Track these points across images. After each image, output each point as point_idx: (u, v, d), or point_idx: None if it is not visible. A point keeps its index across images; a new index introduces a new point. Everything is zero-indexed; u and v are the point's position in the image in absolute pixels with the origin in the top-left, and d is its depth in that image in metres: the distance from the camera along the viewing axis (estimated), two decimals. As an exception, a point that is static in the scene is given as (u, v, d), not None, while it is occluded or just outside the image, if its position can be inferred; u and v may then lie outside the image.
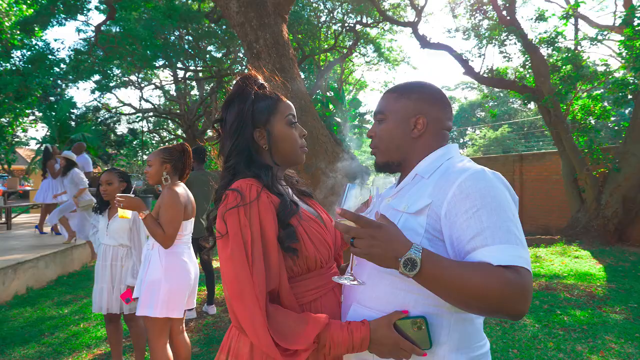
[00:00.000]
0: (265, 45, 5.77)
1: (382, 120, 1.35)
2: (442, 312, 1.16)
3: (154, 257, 2.67)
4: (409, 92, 1.33)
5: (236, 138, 1.37)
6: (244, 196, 1.23)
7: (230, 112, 1.40)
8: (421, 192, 1.22)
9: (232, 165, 1.35)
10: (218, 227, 1.24)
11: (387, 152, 1.34)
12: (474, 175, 1.13)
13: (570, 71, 9.34)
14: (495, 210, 1.08)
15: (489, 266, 1.03)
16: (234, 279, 1.17)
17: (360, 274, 1.26)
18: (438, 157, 1.28)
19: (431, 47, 12.05)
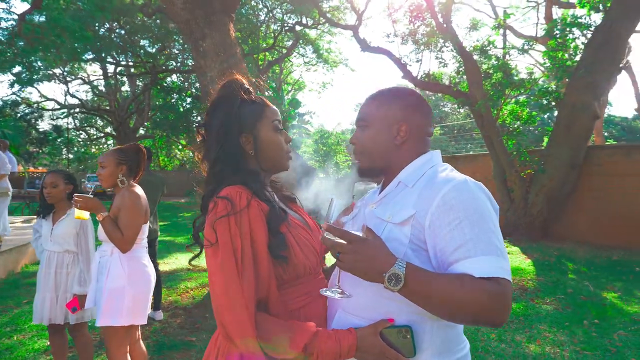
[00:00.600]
0: (212, 44, 5.65)
1: (365, 127, 1.35)
2: (425, 319, 1.18)
3: (115, 263, 2.55)
4: (391, 99, 1.34)
5: (223, 143, 1.33)
6: (234, 204, 1.21)
7: (216, 116, 1.36)
8: (405, 201, 1.23)
9: (219, 171, 1.32)
10: (207, 236, 1.21)
11: (370, 159, 1.35)
12: (457, 186, 1.16)
13: (501, 78, 9.94)
14: (478, 222, 1.12)
15: (471, 279, 1.07)
16: (223, 288, 1.15)
17: (345, 282, 1.26)
18: (421, 165, 1.30)
19: (371, 51, 12.33)
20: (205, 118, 1.41)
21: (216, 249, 1.18)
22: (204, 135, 1.41)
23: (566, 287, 5.80)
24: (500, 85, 9.96)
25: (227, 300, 1.14)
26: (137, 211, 2.57)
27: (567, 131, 8.90)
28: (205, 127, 1.40)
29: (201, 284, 6.05)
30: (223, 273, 1.16)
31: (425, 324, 1.18)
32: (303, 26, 19.37)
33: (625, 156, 8.82)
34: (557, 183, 9.15)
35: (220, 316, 1.16)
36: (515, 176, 9.66)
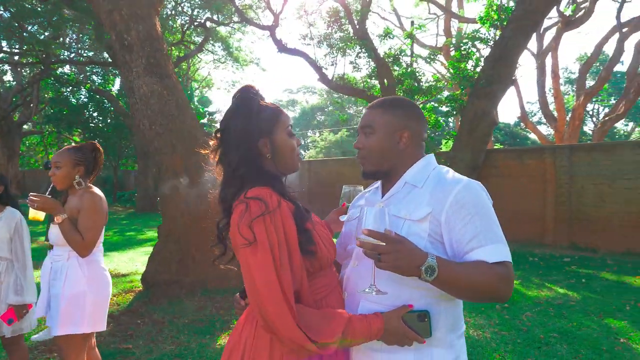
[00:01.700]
0: (138, 38, 5.40)
1: (370, 134, 1.47)
2: (440, 302, 1.36)
3: (73, 268, 2.38)
4: (394, 108, 1.49)
5: (245, 147, 1.38)
6: (267, 204, 1.27)
7: (235, 121, 1.40)
8: (419, 200, 1.38)
9: (242, 174, 1.37)
10: (245, 235, 1.25)
11: (376, 162, 1.47)
12: (466, 187, 1.34)
13: (411, 85, 10.62)
14: (485, 216, 1.32)
15: (486, 265, 1.27)
16: (264, 284, 1.21)
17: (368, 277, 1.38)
18: (423, 167, 1.46)
19: (288, 52, 12.47)
20: (222, 122, 1.43)
21: (255, 247, 1.23)
22: (221, 140, 1.43)
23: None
24: (411, 91, 10.65)
25: (269, 295, 1.20)
26: (99, 213, 2.44)
27: (469, 136, 9.76)
28: (224, 131, 1.42)
29: (123, 289, 5.74)
30: (263, 270, 1.22)
31: (440, 306, 1.35)
32: (214, 22, 18.93)
33: (517, 159, 9.91)
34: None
35: (263, 311, 1.21)
36: (424, 176, 10.37)
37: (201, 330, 4.25)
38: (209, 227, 5.43)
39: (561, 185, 9.01)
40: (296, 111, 52.34)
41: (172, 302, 5.00)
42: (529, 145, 34.04)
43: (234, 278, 5.53)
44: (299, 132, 49.67)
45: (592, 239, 8.58)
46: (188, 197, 5.37)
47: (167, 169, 5.42)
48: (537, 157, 9.56)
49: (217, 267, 5.02)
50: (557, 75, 18.68)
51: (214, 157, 1.47)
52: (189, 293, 5.23)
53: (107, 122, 22.75)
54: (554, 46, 17.94)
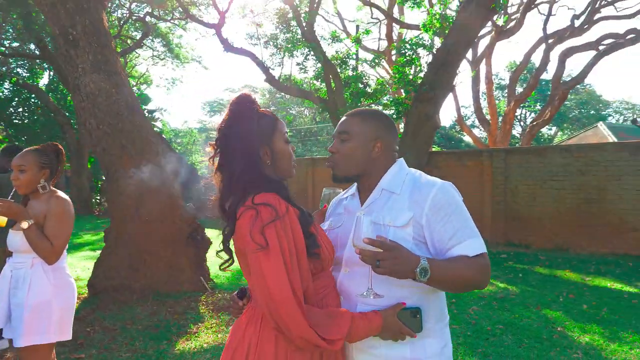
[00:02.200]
0: (84, 33, 5.16)
1: (346, 140, 1.55)
2: (428, 296, 1.47)
3: (38, 275, 2.25)
4: (370, 118, 1.58)
5: (247, 155, 1.41)
6: (277, 210, 1.32)
7: (236, 130, 1.42)
8: (399, 206, 1.47)
9: (247, 181, 1.39)
10: (258, 240, 1.28)
11: (347, 168, 1.56)
12: (440, 189, 1.45)
13: (358, 88, 10.85)
14: (460, 215, 1.44)
15: (467, 258, 1.39)
16: (277, 286, 1.26)
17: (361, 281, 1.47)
18: (397, 172, 1.55)
19: (234, 52, 12.33)
20: (222, 130, 1.45)
21: (267, 251, 1.27)
22: (222, 147, 1.45)
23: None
24: (357, 94, 10.88)
25: (282, 297, 1.25)
26: (68, 218, 2.33)
27: (413, 138, 10.12)
28: (225, 139, 1.44)
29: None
30: (276, 273, 1.26)
31: (429, 300, 1.47)
32: (155, 17, 18.31)
33: (458, 161, 10.42)
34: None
35: (275, 312, 1.25)
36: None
37: (157, 336, 4.14)
38: (161, 230, 5.31)
39: (497, 185, 9.57)
40: (238, 111, 51.60)
41: (123, 308, 4.83)
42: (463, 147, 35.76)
43: (186, 282, 5.43)
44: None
45: (525, 236, 9.18)
46: (139, 200, 5.21)
47: (117, 171, 5.21)
48: (476, 159, 10.09)
49: (169, 270, 4.90)
50: (491, 81, 19.76)
51: (212, 164, 1.49)
52: (140, 298, 5.06)
53: (34, 119, 21.37)
54: (488, 54, 18.96)
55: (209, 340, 4.06)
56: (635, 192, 7.82)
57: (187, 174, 5.75)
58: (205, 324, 4.47)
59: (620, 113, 39.72)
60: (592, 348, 3.86)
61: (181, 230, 5.39)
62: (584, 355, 3.71)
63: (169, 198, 5.37)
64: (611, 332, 4.22)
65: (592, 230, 8.32)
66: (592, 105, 38.13)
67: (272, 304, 1.26)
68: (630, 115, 37.65)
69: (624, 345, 3.91)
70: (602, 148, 8.54)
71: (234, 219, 1.37)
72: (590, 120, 35.84)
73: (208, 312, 4.83)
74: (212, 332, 4.27)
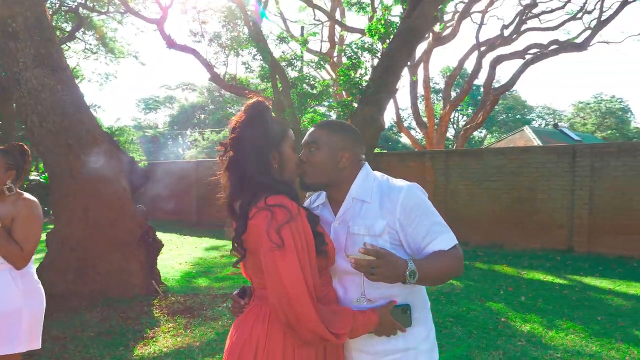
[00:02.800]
0: (25, 25, 4.88)
1: (315, 150, 1.62)
2: (414, 291, 1.60)
3: (5, 282, 2.12)
4: (337, 130, 1.65)
5: (260, 158, 1.47)
6: (291, 211, 1.38)
7: (250, 132, 1.47)
8: (371, 215, 1.56)
9: (258, 182, 1.45)
10: (274, 240, 1.33)
11: (315, 177, 1.63)
12: (407, 193, 1.54)
13: (304, 89, 10.95)
14: (429, 214, 1.55)
15: (444, 252, 1.51)
16: (292, 283, 1.32)
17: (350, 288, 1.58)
18: (364, 180, 1.63)
19: (177, 49, 12.02)
20: (236, 132, 1.49)
21: (283, 251, 1.33)
22: (234, 148, 1.48)
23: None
24: (304, 96, 10.99)
25: (296, 294, 1.32)
26: (37, 221, 2.23)
27: (359, 139, 10.39)
28: (238, 141, 1.48)
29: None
30: (291, 271, 1.33)
31: (414, 294, 1.60)
32: (88, 9, 17.41)
33: (401, 162, 10.81)
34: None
35: (289, 308, 1.32)
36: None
37: (112, 342, 4.00)
38: (110, 232, 5.12)
39: (438, 186, 10.03)
40: (174, 108, 50.10)
41: (71, 315, 4.61)
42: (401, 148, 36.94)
43: (137, 285, 5.26)
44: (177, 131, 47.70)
45: (464, 233, 9.68)
46: (87, 201, 4.99)
47: (62, 171, 4.96)
48: (419, 160, 10.52)
49: (119, 274, 4.76)
50: (428, 86, 20.58)
51: (222, 164, 1.53)
52: (89, 304, 4.85)
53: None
54: (425, 59, 19.74)
55: (168, 345, 3.99)
56: (562, 191, 8.51)
57: (136, 174, 5.56)
58: (162, 328, 4.38)
59: (543, 118, 42.76)
60: (534, 336, 4.20)
61: (132, 232, 5.22)
62: (527, 342, 4.02)
63: (119, 200, 5.19)
64: (548, 321, 4.60)
65: (524, 227, 8.95)
66: (517, 110, 40.73)
67: (286, 300, 1.32)
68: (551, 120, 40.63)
69: (560, 332, 4.29)
70: (533, 151, 9.21)
71: (246, 219, 1.42)
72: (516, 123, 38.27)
73: (163, 316, 4.72)
74: (170, 336, 4.19)
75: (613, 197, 8.04)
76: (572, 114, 40.07)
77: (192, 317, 4.68)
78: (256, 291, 1.57)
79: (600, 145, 8.56)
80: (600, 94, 38.80)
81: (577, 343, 4.02)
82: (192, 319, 4.62)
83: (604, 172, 8.12)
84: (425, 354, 1.59)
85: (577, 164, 8.33)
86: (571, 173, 8.41)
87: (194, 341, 4.05)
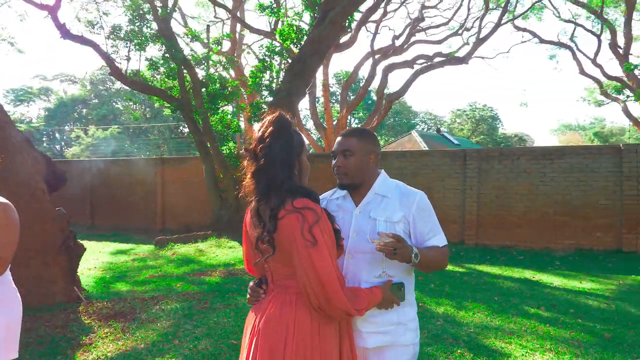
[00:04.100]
0: None
1: (349, 156, 1.94)
2: (407, 275, 1.96)
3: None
4: (365, 137, 1.99)
5: (287, 166, 1.69)
6: (317, 213, 1.63)
7: (278, 143, 1.68)
8: (392, 208, 1.92)
9: (287, 188, 1.67)
10: (308, 238, 1.57)
11: (353, 178, 1.95)
12: (421, 197, 1.94)
13: (216, 89, 10.91)
14: (433, 216, 1.97)
15: (438, 247, 1.93)
16: (326, 273, 1.57)
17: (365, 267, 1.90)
18: (384, 180, 2.01)
19: (74, 40, 11.19)
20: (264, 142, 1.69)
21: (316, 246, 1.59)
22: (264, 157, 1.68)
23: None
24: (215, 96, 10.94)
25: (329, 280, 1.59)
26: (14, 226, 2.16)
27: (271, 141, 10.62)
28: (267, 149, 1.68)
29: None
30: (324, 263, 1.59)
31: (409, 277, 1.97)
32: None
33: (311, 163, 11.21)
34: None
35: (322, 293, 1.59)
36: (229, 178, 10.80)
37: (47, 352, 3.82)
38: (29, 237, 4.79)
39: (346, 186, 10.65)
40: (51, 101, 45.62)
41: (-11, 328, 4.25)
42: (297, 149, 37.65)
43: (59, 293, 5.00)
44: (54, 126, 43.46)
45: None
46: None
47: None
48: (327, 162, 11.05)
49: (39, 282, 4.63)
50: (327, 90, 21.42)
51: (249, 170, 1.72)
52: (6, 315, 4.50)
53: None
54: (325, 64, 20.54)
55: (110, 349, 3.90)
56: (454, 190, 9.59)
57: (55, 174, 5.24)
58: (98, 333, 4.25)
59: (425, 122, 46.55)
60: (448, 316, 4.84)
61: (53, 237, 4.93)
62: (445, 321, 4.64)
63: (37, 202, 4.87)
64: (457, 303, 5.30)
65: (423, 223, 9.91)
66: (404, 115, 43.87)
67: (319, 287, 1.59)
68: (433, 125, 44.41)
69: (468, 311, 4.99)
70: (431, 154, 10.24)
71: (276, 220, 1.65)
72: (402, 127, 41.21)
73: (94, 322, 4.56)
74: (109, 340, 4.10)
75: (496, 196, 9.29)
76: (451, 120, 44.23)
77: (126, 321, 4.59)
78: (278, 281, 1.79)
79: (486, 150, 9.79)
80: (474, 103, 43.45)
81: (483, 319, 4.73)
82: (128, 323, 4.54)
83: (489, 173, 9.35)
84: (412, 331, 1.95)
85: (467, 167, 9.47)
86: (462, 174, 9.54)
87: (137, 344, 4.02)
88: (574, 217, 8.81)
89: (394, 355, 1.89)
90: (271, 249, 1.68)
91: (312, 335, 1.68)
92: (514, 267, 7.47)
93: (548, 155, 9.04)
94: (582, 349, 3.92)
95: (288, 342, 1.64)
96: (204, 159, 11.36)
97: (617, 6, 20.40)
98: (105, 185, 13.65)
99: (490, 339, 4.16)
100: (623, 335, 4.25)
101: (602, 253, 8.48)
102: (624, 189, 8.43)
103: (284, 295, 1.74)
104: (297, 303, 1.69)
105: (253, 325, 1.78)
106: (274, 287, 1.80)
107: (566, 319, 4.74)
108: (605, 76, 18.47)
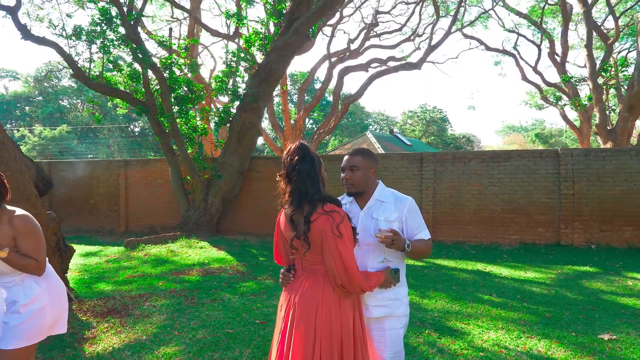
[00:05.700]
0: None
1: (355, 170, 2.51)
2: (401, 262, 2.53)
3: (31, 288, 2.44)
4: (367, 156, 2.57)
5: (315, 181, 2.23)
6: (342, 214, 2.17)
7: (306, 166, 2.22)
8: (389, 210, 2.49)
9: (317, 198, 2.19)
10: (336, 233, 2.10)
11: (358, 187, 2.52)
12: (411, 201, 2.54)
13: (183, 93, 11.12)
14: (420, 216, 2.56)
15: (425, 240, 2.51)
16: (349, 260, 2.12)
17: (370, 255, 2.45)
18: (382, 189, 2.59)
19: (35, 41, 11.08)
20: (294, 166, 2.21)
21: (343, 240, 2.13)
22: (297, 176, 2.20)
23: (267, 267, 7.67)
24: (182, 99, 11.16)
25: (351, 266, 2.14)
26: (39, 232, 2.49)
27: (238, 144, 10.99)
28: (298, 170, 2.20)
29: None
30: (348, 252, 2.13)
31: (402, 263, 2.55)
32: None
33: (276, 165, 11.69)
34: (230, 186, 11.17)
35: (346, 276, 2.13)
36: (197, 180, 11.06)
37: (53, 347, 4.10)
38: None
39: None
40: (-9, 98, 43.31)
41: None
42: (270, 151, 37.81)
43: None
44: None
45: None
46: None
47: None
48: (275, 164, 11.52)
49: None
50: (285, 91, 21.85)
51: (284, 189, 2.26)
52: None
53: None
54: (284, 67, 20.96)
55: (115, 341, 4.24)
56: (412, 191, 10.34)
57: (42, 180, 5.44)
58: (99, 328, 4.56)
59: (378, 123, 47.89)
60: (414, 303, 5.47)
61: (47, 240, 5.14)
62: (411, 308, 5.26)
63: (32, 207, 5.07)
64: (421, 292, 5.96)
65: (383, 221, 10.59)
66: (357, 116, 44.97)
67: (344, 271, 2.14)
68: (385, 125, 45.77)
69: (431, 299, 5.65)
70: (390, 157, 10.94)
71: (309, 223, 2.17)
72: (356, 128, 42.25)
73: (91, 318, 4.85)
74: (111, 334, 4.42)
75: (450, 195, 10.12)
76: (403, 121, 45.83)
77: (122, 317, 4.91)
78: (308, 267, 2.30)
79: (441, 153, 10.59)
80: (425, 105, 45.26)
81: (445, 306, 5.40)
82: (124, 318, 4.86)
83: (443, 175, 10.17)
84: (405, 305, 2.53)
85: (424, 169, 10.25)
86: (419, 176, 10.31)
87: (139, 336, 4.37)
88: (518, 215, 9.79)
89: (391, 323, 2.46)
90: (307, 246, 2.20)
91: (335, 306, 2.21)
92: (467, 260, 8.27)
93: (496, 159, 9.97)
94: (528, 327, 4.65)
95: (318, 310, 2.18)
96: (169, 161, 11.52)
97: (555, 16, 22.15)
98: (65, 186, 13.48)
99: (452, 321, 4.82)
100: (561, 315, 5.04)
101: (543, 246, 9.49)
102: (561, 189, 9.47)
103: (314, 277, 2.26)
104: (324, 282, 2.22)
105: (288, 301, 2.29)
106: (303, 271, 2.32)
107: (514, 303, 5.50)
108: (545, 83, 20.08)
